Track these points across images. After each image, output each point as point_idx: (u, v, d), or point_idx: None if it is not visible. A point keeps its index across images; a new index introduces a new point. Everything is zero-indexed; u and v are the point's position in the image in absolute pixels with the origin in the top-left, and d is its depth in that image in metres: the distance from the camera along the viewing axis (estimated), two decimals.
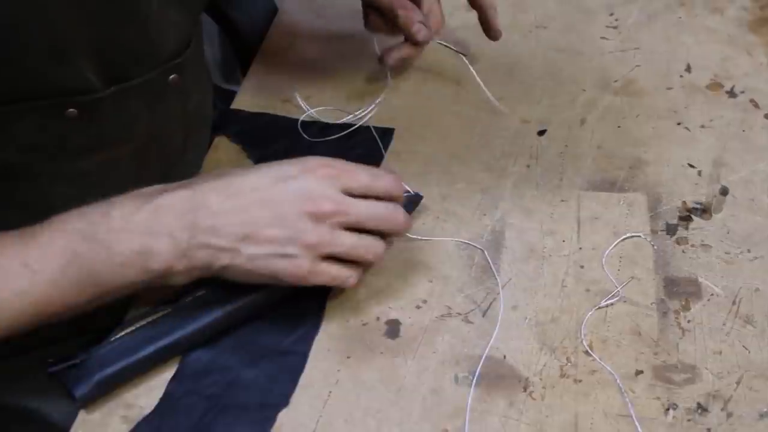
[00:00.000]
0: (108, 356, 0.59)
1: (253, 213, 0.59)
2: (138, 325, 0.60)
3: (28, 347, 0.66)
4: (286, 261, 0.59)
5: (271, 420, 0.58)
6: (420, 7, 0.78)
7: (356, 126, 0.80)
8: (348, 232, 0.61)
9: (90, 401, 0.59)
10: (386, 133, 0.80)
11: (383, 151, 0.78)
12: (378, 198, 0.62)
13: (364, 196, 0.62)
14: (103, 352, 0.59)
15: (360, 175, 0.62)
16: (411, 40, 0.77)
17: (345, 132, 0.79)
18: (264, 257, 0.59)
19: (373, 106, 0.82)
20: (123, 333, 0.60)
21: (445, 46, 0.82)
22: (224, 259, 0.59)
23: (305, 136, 0.79)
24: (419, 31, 0.76)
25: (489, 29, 0.81)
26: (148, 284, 0.59)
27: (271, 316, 0.64)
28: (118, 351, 0.59)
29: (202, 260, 0.59)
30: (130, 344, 0.60)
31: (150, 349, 0.60)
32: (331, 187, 0.61)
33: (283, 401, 0.59)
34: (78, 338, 0.63)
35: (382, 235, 0.63)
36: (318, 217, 0.59)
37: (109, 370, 0.58)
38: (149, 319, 0.61)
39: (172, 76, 0.67)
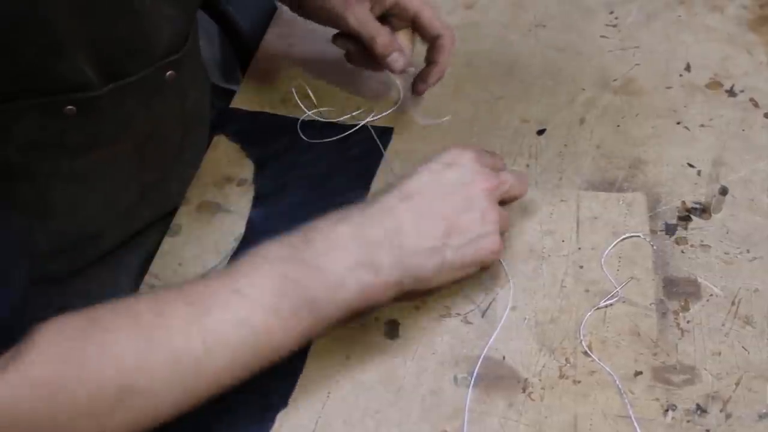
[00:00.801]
0: None
1: (444, 205, 0.60)
2: None
3: None
4: (487, 241, 0.61)
5: (270, 421, 0.58)
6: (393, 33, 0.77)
7: (356, 126, 0.80)
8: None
9: None
10: (385, 132, 0.80)
11: (383, 150, 0.78)
12: None
13: None
14: None
15: (484, 153, 0.66)
16: (388, 69, 0.76)
17: (345, 132, 0.79)
18: (469, 244, 0.60)
19: (383, 115, 0.81)
20: None
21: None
22: (436, 260, 0.59)
23: (303, 136, 0.79)
24: (396, 61, 0.76)
25: (422, 82, 0.79)
26: (361, 308, 0.57)
27: None
28: None
29: (415, 267, 0.58)
30: None
31: None
32: (480, 164, 0.63)
33: (282, 402, 0.59)
34: None
35: None
36: (490, 192, 0.62)
37: None
38: None
39: (168, 73, 0.67)
